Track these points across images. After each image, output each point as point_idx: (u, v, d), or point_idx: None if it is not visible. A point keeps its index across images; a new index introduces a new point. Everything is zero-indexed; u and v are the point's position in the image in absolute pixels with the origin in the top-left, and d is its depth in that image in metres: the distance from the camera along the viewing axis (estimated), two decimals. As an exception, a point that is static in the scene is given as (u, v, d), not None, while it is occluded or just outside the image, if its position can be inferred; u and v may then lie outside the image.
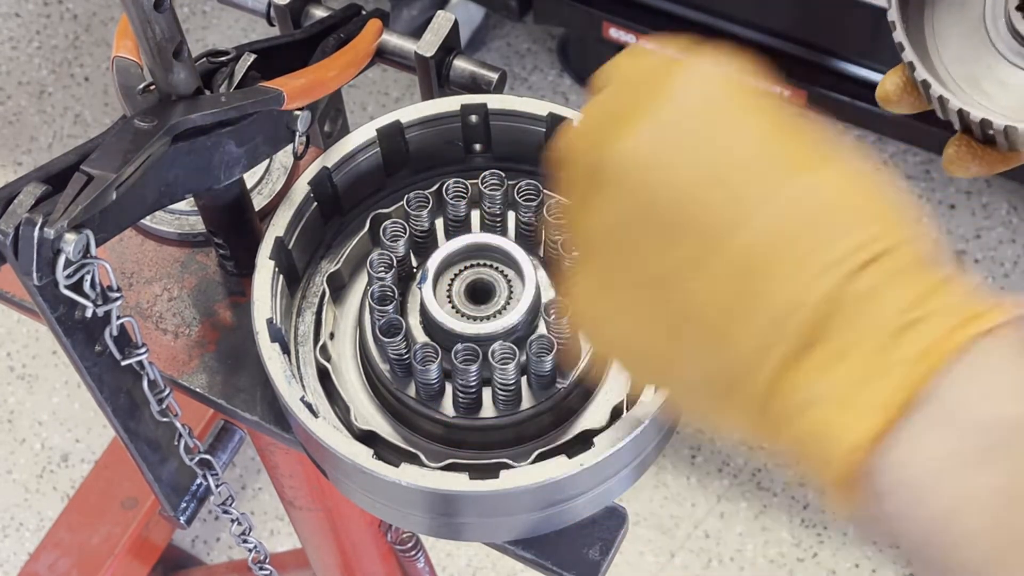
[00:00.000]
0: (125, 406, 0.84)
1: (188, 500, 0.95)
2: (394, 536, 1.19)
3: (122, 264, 0.94)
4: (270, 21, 0.93)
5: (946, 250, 0.58)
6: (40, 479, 2.12)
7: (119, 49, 0.79)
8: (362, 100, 2.45)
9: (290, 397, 0.77)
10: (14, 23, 2.59)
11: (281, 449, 1.03)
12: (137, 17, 0.71)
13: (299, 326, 0.86)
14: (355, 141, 0.86)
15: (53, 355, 2.20)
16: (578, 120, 0.63)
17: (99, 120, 2.46)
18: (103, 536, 1.83)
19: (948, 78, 0.75)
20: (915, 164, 2.33)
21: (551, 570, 0.83)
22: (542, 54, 2.49)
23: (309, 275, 0.88)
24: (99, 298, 0.73)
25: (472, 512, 0.78)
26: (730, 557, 2.01)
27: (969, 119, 0.72)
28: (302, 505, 1.15)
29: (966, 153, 0.75)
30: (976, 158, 0.74)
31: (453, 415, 0.80)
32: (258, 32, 2.54)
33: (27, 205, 0.69)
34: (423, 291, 0.80)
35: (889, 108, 0.76)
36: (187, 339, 0.91)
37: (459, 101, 0.87)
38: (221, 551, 2.06)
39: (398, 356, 0.80)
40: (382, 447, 0.79)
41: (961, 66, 0.75)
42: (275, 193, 0.95)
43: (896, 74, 0.76)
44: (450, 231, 0.86)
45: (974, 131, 0.73)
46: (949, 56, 0.76)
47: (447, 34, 0.88)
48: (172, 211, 0.94)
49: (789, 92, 2.12)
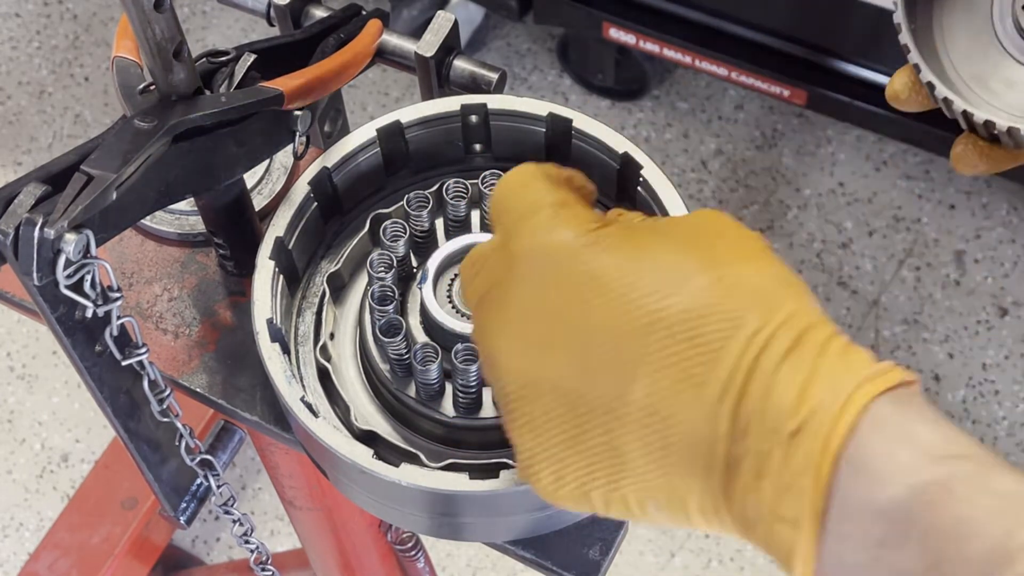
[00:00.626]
0: (125, 406, 0.84)
1: (188, 500, 0.95)
2: (394, 536, 1.19)
3: (122, 264, 0.94)
4: (270, 21, 0.93)
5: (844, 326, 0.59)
6: (40, 479, 2.12)
7: (119, 49, 0.79)
8: (362, 100, 2.45)
9: (290, 397, 0.77)
10: (14, 23, 2.59)
11: (281, 449, 1.03)
12: (137, 17, 0.71)
13: (299, 326, 0.86)
14: (355, 141, 0.86)
15: (53, 355, 2.20)
16: (472, 252, 0.69)
17: (99, 120, 2.46)
18: (103, 536, 1.83)
19: (956, 77, 0.75)
20: (915, 164, 2.33)
21: (551, 570, 0.83)
22: (542, 54, 2.49)
23: (309, 275, 0.88)
24: (99, 298, 0.73)
25: (472, 512, 0.78)
26: (730, 557, 2.01)
27: (974, 120, 0.72)
28: (302, 505, 1.15)
29: (973, 152, 0.75)
30: (983, 156, 0.75)
31: (453, 415, 0.80)
32: (258, 32, 2.54)
33: (27, 205, 0.69)
34: (423, 291, 0.80)
35: (899, 107, 0.77)
36: (187, 339, 0.91)
37: (459, 101, 0.87)
38: (221, 551, 2.06)
39: (398, 356, 0.80)
40: (382, 447, 0.79)
41: (969, 65, 0.75)
42: (275, 193, 0.95)
43: (905, 73, 0.76)
44: (450, 231, 0.86)
45: (979, 131, 0.73)
46: (957, 55, 0.76)
47: (447, 34, 0.88)
48: (172, 211, 0.94)
49: (789, 92, 2.12)
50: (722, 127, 2.39)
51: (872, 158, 2.34)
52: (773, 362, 0.57)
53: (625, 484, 0.61)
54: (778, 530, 0.56)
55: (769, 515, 0.57)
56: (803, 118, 2.39)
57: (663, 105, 2.42)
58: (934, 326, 2.18)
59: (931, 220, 2.28)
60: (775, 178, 2.33)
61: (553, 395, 0.62)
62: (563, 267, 0.63)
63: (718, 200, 2.30)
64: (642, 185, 0.83)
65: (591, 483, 0.62)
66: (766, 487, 0.56)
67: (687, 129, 2.39)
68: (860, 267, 2.23)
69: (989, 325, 2.17)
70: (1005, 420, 2.10)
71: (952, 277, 2.22)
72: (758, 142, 2.37)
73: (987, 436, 2.08)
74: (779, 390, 0.57)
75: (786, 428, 0.56)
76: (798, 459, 0.56)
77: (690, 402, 0.58)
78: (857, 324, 2.18)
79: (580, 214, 0.65)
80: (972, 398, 2.11)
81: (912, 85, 0.76)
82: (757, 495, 0.57)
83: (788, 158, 2.35)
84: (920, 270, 2.23)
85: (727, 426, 0.57)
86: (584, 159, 0.87)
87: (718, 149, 2.37)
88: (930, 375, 2.13)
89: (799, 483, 0.55)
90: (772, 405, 0.56)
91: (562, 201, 0.66)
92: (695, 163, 2.35)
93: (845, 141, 2.36)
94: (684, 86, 2.44)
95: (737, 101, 2.42)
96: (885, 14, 1.97)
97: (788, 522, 0.56)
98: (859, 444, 0.55)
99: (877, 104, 2.07)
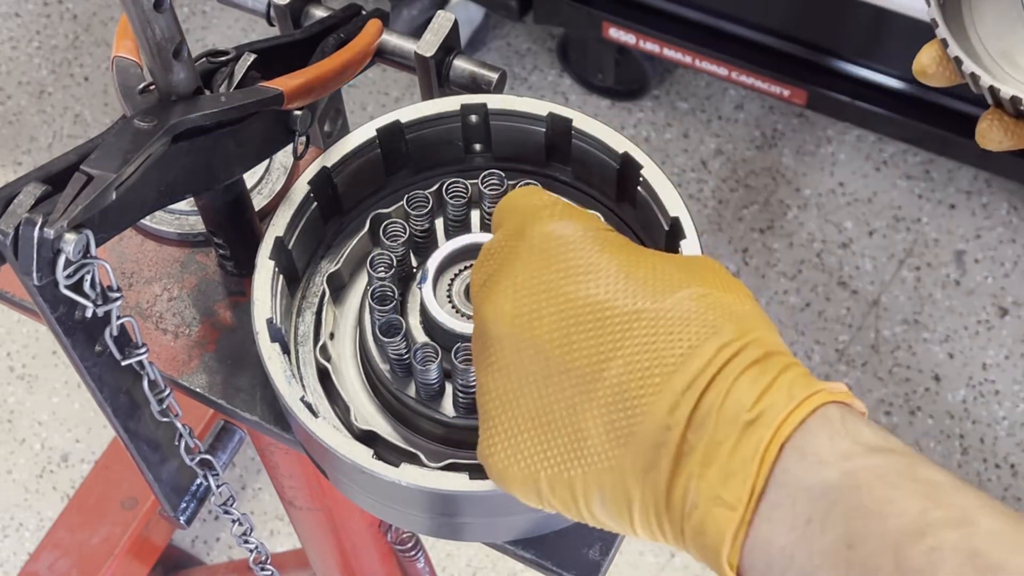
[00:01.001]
0: (125, 406, 0.83)
1: (188, 500, 0.95)
2: (394, 536, 1.19)
3: (122, 264, 0.94)
4: (270, 21, 0.93)
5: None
6: (40, 479, 2.12)
7: (119, 49, 0.79)
8: (362, 100, 2.45)
9: (290, 397, 0.77)
10: (14, 23, 2.59)
11: (281, 449, 1.03)
12: (137, 17, 0.71)
13: (299, 326, 0.86)
14: (355, 141, 0.86)
15: (53, 355, 2.20)
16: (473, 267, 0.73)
17: (99, 120, 2.46)
18: (103, 536, 1.83)
19: (983, 52, 0.76)
20: (915, 164, 2.33)
21: (551, 570, 0.83)
22: (542, 54, 2.49)
23: (309, 275, 0.88)
24: (99, 298, 0.73)
25: (472, 512, 0.78)
26: (730, 557, 2.01)
27: (1000, 95, 0.72)
28: (302, 505, 1.15)
29: (999, 128, 0.75)
30: (1008, 133, 0.75)
31: (453, 415, 0.80)
32: (258, 32, 2.54)
33: (27, 205, 0.69)
34: (423, 291, 0.80)
35: (925, 81, 0.77)
36: (187, 339, 0.91)
37: (459, 101, 0.87)
38: (221, 551, 2.06)
39: (398, 356, 0.80)
40: (382, 447, 0.79)
41: (996, 41, 0.76)
42: (275, 193, 0.95)
43: (932, 48, 0.76)
44: (450, 231, 0.86)
45: (1005, 107, 0.73)
46: (985, 31, 0.76)
47: (447, 34, 0.88)
48: (172, 211, 0.94)
49: (789, 92, 2.12)
50: (722, 127, 2.39)
51: (872, 158, 2.34)
52: (739, 367, 0.62)
53: (575, 468, 0.64)
54: (715, 515, 0.59)
55: (709, 500, 0.60)
56: (803, 118, 2.39)
57: (663, 105, 2.42)
58: (934, 326, 2.18)
59: (931, 220, 2.28)
60: (775, 178, 2.33)
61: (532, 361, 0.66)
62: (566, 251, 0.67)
63: (718, 200, 2.31)
64: (642, 185, 0.83)
65: (543, 462, 0.65)
66: (712, 473, 0.60)
67: (687, 129, 2.39)
68: (860, 267, 2.23)
69: (989, 325, 2.17)
70: (1005, 420, 2.10)
71: (952, 277, 2.22)
72: (758, 142, 2.37)
73: (987, 436, 2.08)
74: (740, 390, 0.61)
75: (741, 419, 0.60)
76: (748, 446, 0.59)
77: (657, 388, 0.62)
78: (857, 324, 2.18)
79: (588, 217, 0.71)
80: (972, 398, 2.11)
81: (939, 60, 0.76)
82: (700, 482, 0.60)
83: (788, 158, 2.35)
84: (920, 270, 2.23)
85: (686, 415, 0.61)
86: (584, 159, 0.87)
87: (718, 149, 2.37)
88: (930, 375, 2.13)
89: (746, 468, 0.59)
90: (731, 401, 0.61)
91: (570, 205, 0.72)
92: (695, 163, 2.35)
93: (845, 141, 2.36)
94: (684, 86, 2.44)
95: (737, 101, 2.42)
96: (885, 14, 1.97)
97: (726, 505, 0.59)
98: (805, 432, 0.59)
99: (877, 104, 2.07)
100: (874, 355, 2.15)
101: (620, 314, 0.64)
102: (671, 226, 0.81)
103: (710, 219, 2.29)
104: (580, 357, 0.64)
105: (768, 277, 2.22)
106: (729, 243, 2.26)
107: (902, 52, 2.01)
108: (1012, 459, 2.06)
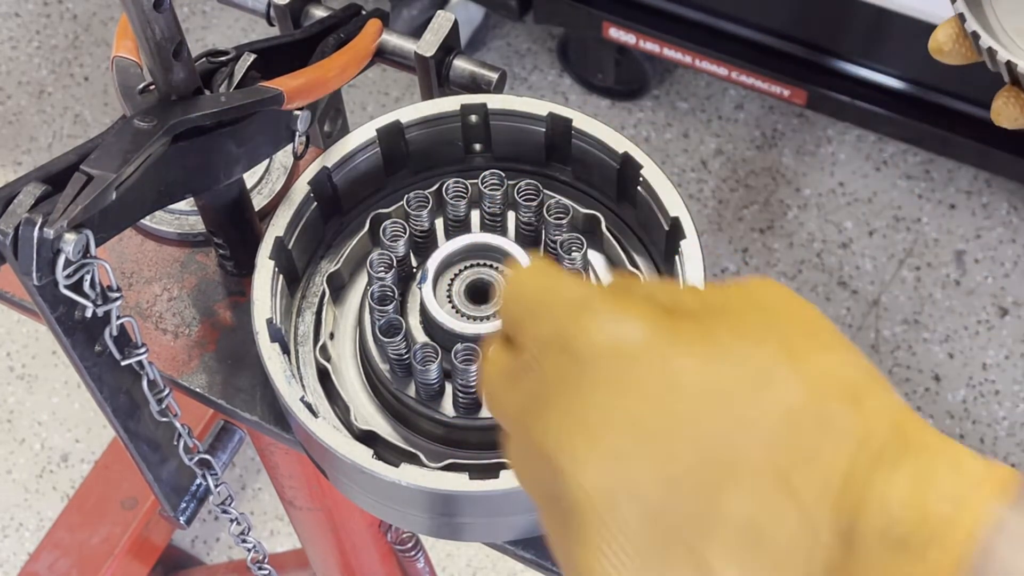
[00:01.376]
0: (125, 406, 0.83)
1: (188, 500, 0.95)
2: (394, 536, 1.19)
3: (122, 264, 0.94)
4: (270, 21, 0.93)
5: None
6: (40, 479, 2.12)
7: (119, 49, 0.79)
8: (362, 100, 2.45)
9: (290, 397, 0.77)
10: (14, 23, 2.59)
11: (281, 449, 1.03)
12: (137, 17, 0.71)
13: (299, 326, 0.86)
14: (355, 141, 0.86)
15: (53, 355, 2.20)
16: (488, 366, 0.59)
17: (99, 120, 2.46)
18: (103, 536, 1.83)
19: (1000, 30, 0.76)
20: (915, 164, 2.33)
21: (551, 570, 0.83)
22: (542, 54, 2.49)
23: (309, 275, 0.88)
24: (99, 298, 0.73)
25: (472, 512, 0.78)
26: (730, 557, 2.01)
27: (1017, 71, 0.72)
28: (302, 505, 1.15)
29: (1014, 105, 0.75)
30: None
31: (453, 415, 0.80)
32: (258, 32, 2.54)
33: (27, 205, 0.69)
34: (423, 291, 0.80)
35: (941, 59, 0.77)
36: (187, 339, 0.91)
37: (459, 101, 0.87)
38: (221, 551, 2.06)
39: (398, 356, 0.80)
40: (382, 447, 0.79)
41: (1014, 18, 0.76)
42: (275, 193, 0.95)
43: (949, 25, 0.76)
44: (450, 231, 0.86)
45: (1022, 83, 0.73)
46: (1002, 8, 0.76)
47: (447, 34, 0.88)
48: (172, 211, 0.94)
49: (789, 92, 2.12)
50: (722, 127, 2.39)
51: (872, 158, 2.34)
52: (870, 464, 0.53)
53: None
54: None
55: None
56: (803, 118, 2.39)
57: (663, 105, 2.42)
58: (934, 326, 2.18)
59: (931, 220, 2.28)
60: (775, 178, 2.33)
61: (631, 509, 0.55)
62: (643, 370, 0.56)
63: (718, 200, 2.31)
64: (642, 185, 0.83)
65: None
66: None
67: (687, 129, 2.39)
68: (860, 267, 2.23)
69: (989, 325, 2.17)
70: (1005, 420, 2.10)
71: (952, 277, 2.22)
72: (758, 142, 2.37)
73: (987, 436, 2.08)
74: (886, 495, 0.52)
75: (906, 537, 0.51)
76: (925, 570, 0.50)
77: (787, 510, 0.53)
78: (857, 324, 2.18)
79: (636, 305, 0.58)
80: (972, 398, 2.11)
81: (955, 37, 0.76)
82: None
83: (788, 158, 2.35)
84: (920, 270, 2.23)
85: (827, 534, 0.52)
86: (584, 159, 0.87)
87: (718, 149, 2.37)
88: (930, 375, 2.13)
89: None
90: (880, 511, 0.52)
91: (603, 291, 0.59)
92: (695, 163, 2.35)
93: (845, 141, 2.36)
94: (684, 86, 2.44)
95: (737, 101, 2.42)
96: (885, 14, 1.97)
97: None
98: (987, 553, 0.50)
99: (877, 104, 2.07)
100: (874, 355, 2.15)
101: (721, 437, 0.54)
102: (671, 226, 0.81)
103: (710, 219, 2.29)
104: (688, 496, 0.54)
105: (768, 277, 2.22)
106: (729, 243, 2.26)
107: (902, 52, 2.01)
108: (1012, 459, 2.06)
